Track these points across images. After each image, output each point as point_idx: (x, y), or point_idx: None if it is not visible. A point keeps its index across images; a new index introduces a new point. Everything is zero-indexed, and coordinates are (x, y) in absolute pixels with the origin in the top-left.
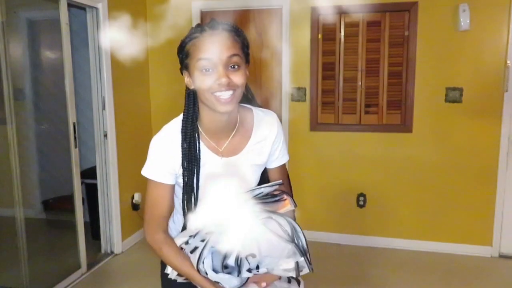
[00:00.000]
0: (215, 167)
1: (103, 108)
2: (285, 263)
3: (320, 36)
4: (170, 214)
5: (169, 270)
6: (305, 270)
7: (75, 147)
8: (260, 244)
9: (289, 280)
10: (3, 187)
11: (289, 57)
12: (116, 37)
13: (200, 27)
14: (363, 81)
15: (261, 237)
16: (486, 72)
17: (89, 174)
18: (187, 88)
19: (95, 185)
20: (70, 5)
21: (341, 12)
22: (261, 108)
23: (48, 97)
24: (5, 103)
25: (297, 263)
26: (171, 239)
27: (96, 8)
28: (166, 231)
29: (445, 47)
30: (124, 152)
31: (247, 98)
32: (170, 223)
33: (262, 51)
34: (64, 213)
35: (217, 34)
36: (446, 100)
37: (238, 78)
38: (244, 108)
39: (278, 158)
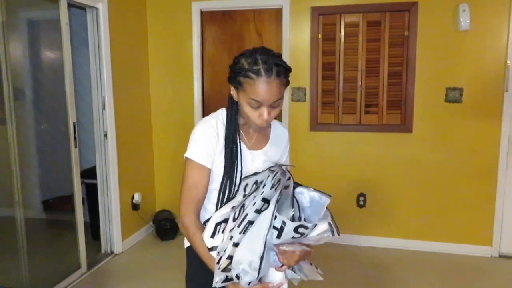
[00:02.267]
0: (245, 156)
1: (103, 108)
2: (320, 227)
3: (320, 36)
4: (204, 199)
5: (216, 279)
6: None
7: (75, 147)
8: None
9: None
10: (3, 187)
11: (289, 57)
12: (116, 37)
13: (258, 69)
14: (363, 81)
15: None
16: (486, 72)
17: (89, 174)
18: (230, 95)
19: (95, 185)
20: (70, 5)
21: (341, 12)
22: (276, 120)
23: (48, 97)
24: (5, 103)
25: (329, 223)
26: (202, 226)
27: (96, 8)
28: (199, 216)
29: (445, 47)
30: (124, 152)
31: None
32: (202, 211)
33: None
34: (64, 213)
35: (271, 82)
36: (446, 100)
37: (275, 112)
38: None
39: (286, 162)
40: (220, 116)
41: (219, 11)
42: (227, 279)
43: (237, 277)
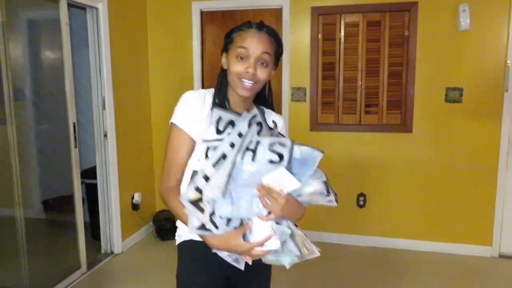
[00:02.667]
0: None
1: (103, 108)
2: (313, 184)
3: (320, 36)
4: (185, 168)
5: (192, 224)
6: (332, 200)
7: (75, 147)
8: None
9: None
10: (3, 187)
11: (289, 57)
12: (116, 37)
13: (250, 24)
14: (363, 81)
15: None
16: (486, 72)
17: (89, 174)
18: (221, 68)
19: (95, 185)
20: (70, 5)
21: (341, 12)
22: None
23: (48, 97)
24: (5, 103)
25: (325, 182)
26: (179, 192)
27: (96, 8)
28: (179, 183)
29: (445, 47)
30: (124, 152)
31: (264, 96)
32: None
33: None
34: (64, 213)
35: (260, 33)
36: (446, 100)
37: (262, 74)
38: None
39: None
40: (208, 90)
41: (219, 11)
42: (203, 227)
43: (213, 223)
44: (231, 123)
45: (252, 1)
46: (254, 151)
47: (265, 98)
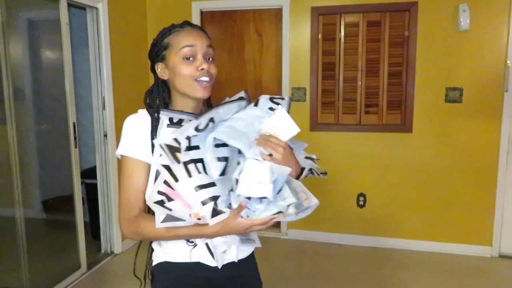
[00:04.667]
0: None
1: (103, 108)
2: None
3: (320, 36)
4: (144, 193)
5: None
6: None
7: (75, 147)
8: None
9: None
10: (3, 187)
11: (289, 57)
12: (116, 37)
13: (180, 24)
14: (363, 81)
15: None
16: (486, 72)
17: (89, 174)
18: (157, 79)
19: (95, 185)
20: (70, 5)
21: (341, 12)
22: None
23: (48, 97)
24: (5, 103)
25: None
26: (147, 214)
27: (96, 8)
28: (142, 211)
29: (445, 47)
30: None
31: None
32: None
33: (262, 51)
34: (64, 213)
35: (196, 29)
36: (446, 100)
37: (213, 69)
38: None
39: None
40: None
41: (219, 11)
42: (215, 212)
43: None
44: (212, 120)
45: (252, 1)
46: (256, 103)
47: (209, 99)
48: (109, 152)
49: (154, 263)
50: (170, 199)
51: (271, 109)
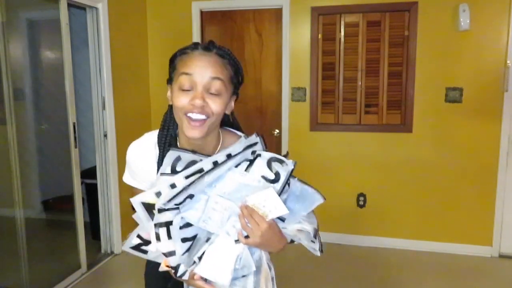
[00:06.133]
0: None
1: (103, 108)
2: (303, 224)
3: (320, 36)
4: None
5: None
6: (316, 249)
7: (75, 147)
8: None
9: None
10: (3, 187)
11: (289, 57)
12: (116, 37)
13: (195, 45)
14: (363, 81)
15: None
16: (486, 72)
17: (89, 174)
18: (169, 104)
19: (95, 185)
20: (70, 5)
21: (341, 12)
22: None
23: (48, 97)
24: (5, 103)
25: (315, 229)
26: None
27: (96, 8)
28: None
29: (445, 47)
30: (124, 152)
31: (230, 123)
32: None
33: (262, 51)
34: (64, 213)
35: (208, 55)
36: (446, 100)
37: (215, 106)
38: (230, 132)
39: None
40: (152, 134)
41: (219, 11)
42: (138, 247)
43: (157, 236)
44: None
45: (252, 1)
46: (251, 162)
47: (233, 123)
48: (109, 152)
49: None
50: (147, 242)
51: (264, 178)
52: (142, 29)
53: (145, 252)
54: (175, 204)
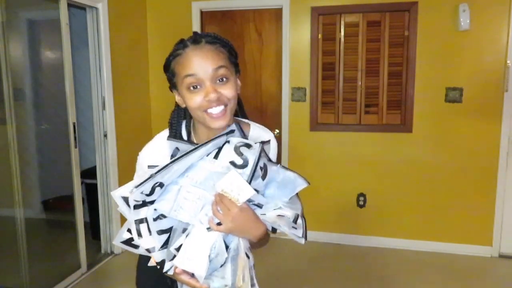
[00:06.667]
0: None
1: (103, 108)
2: (284, 210)
3: (320, 36)
4: None
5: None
6: (299, 234)
7: (75, 147)
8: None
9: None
10: (3, 187)
11: (289, 57)
12: (116, 37)
13: (183, 43)
14: (363, 81)
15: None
16: (486, 72)
17: (89, 174)
18: (177, 105)
19: (95, 185)
20: (70, 5)
21: (341, 12)
22: (258, 124)
23: (48, 97)
24: (5, 103)
25: (297, 215)
26: None
27: (96, 8)
28: None
29: (445, 47)
30: (124, 152)
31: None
32: None
33: (262, 51)
34: (64, 213)
35: (200, 48)
36: (446, 100)
37: (228, 91)
38: (240, 121)
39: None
40: (162, 134)
41: (219, 11)
42: (128, 242)
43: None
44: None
45: (252, 1)
46: (220, 149)
47: (236, 115)
48: (109, 152)
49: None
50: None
51: (233, 164)
52: (142, 29)
53: (135, 246)
54: (144, 194)
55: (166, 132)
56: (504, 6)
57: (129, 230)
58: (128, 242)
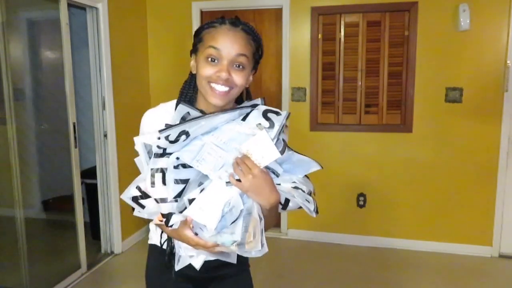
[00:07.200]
0: None
1: (103, 108)
2: (299, 183)
3: (320, 36)
4: None
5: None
6: (311, 208)
7: (75, 147)
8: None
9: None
10: (3, 187)
11: (289, 57)
12: (116, 37)
13: (223, 19)
14: (363, 81)
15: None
16: (486, 72)
17: (89, 174)
18: (190, 73)
19: (95, 185)
20: (70, 5)
21: (341, 12)
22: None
23: (48, 97)
24: (5, 103)
25: (310, 192)
26: None
27: (96, 8)
28: None
29: (445, 47)
30: (124, 152)
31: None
32: None
33: None
34: (64, 213)
35: (234, 30)
36: (446, 100)
37: (238, 78)
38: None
39: None
40: (168, 104)
41: (219, 11)
42: (135, 199)
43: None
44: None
45: (252, 1)
46: (247, 114)
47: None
48: (109, 152)
49: (149, 242)
50: (146, 196)
51: (259, 126)
52: (142, 29)
53: (142, 206)
54: (169, 141)
55: (170, 102)
56: (504, 6)
57: (138, 188)
58: (136, 200)
